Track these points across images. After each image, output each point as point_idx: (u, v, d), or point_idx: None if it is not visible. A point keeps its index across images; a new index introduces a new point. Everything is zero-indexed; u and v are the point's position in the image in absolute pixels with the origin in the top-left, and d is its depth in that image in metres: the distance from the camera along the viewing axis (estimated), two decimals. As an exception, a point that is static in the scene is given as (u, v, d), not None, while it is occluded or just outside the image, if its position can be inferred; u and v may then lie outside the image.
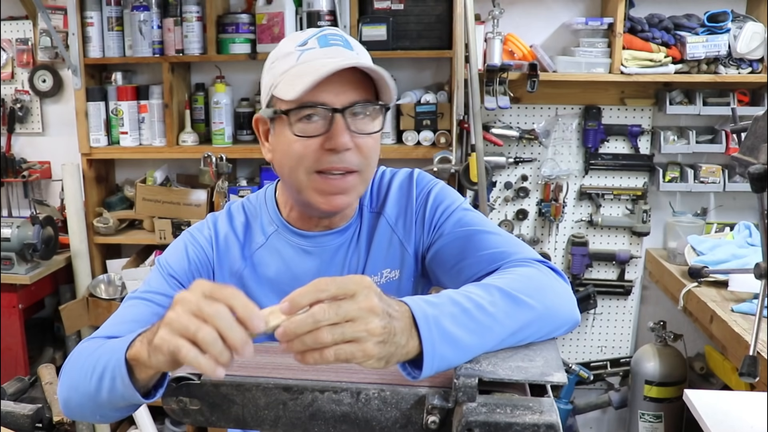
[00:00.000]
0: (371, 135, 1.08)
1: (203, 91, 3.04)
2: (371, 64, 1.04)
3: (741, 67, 2.72)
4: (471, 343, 0.86)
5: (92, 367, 0.93)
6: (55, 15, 3.03)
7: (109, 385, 0.90)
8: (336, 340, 0.75)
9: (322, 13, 2.75)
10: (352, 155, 1.06)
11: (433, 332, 0.82)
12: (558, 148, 3.02)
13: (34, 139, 3.25)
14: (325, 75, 1.00)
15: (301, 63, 1.05)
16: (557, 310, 0.98)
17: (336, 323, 0.75)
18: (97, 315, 2.89)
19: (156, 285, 1.13)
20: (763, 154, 1.48)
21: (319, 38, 1.07)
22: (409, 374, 0.84)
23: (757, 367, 1.59)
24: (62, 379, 1.01)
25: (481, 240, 1.11)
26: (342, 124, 1.04)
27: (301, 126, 1.05)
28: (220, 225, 1.21)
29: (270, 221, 1.20)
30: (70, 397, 0.99)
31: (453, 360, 0.84)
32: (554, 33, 2.96)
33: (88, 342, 1.03)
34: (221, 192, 2.83)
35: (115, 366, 0.89)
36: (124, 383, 0.87)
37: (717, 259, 2.49)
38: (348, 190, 1.09)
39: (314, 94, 1.03)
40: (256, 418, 0.90)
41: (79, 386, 0.96)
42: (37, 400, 1.67)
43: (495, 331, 0.88)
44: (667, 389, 2.67)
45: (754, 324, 1.68)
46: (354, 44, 1.10)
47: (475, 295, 0.90)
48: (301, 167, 1.07)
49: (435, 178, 1.25)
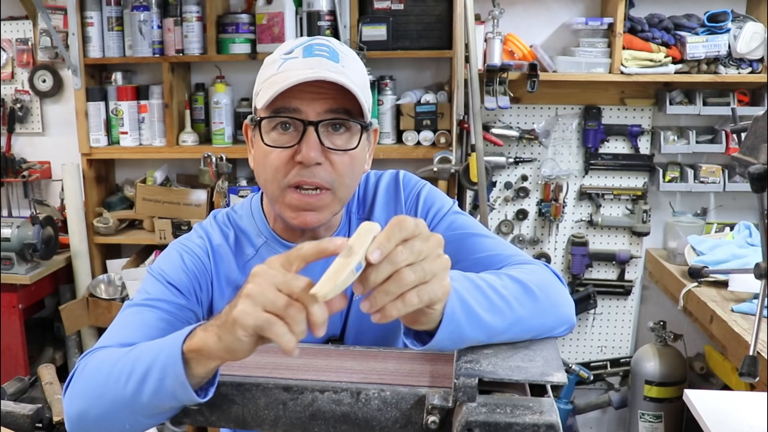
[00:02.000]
0: (347, 152, 1.04)
1: (203, 91, 3.04)
2: (341, 78, 0.99)
3: (741, 67, 2.72)
4: (484, 319, 0.86)
5: (128, 370, 0.87)
6: (55, 15, 3.03)
7: (154, 386, 0.84)
8: (419, 278, 0.73)
9: (322, 13, 2.75)
10: (323, 171, 1.03)
11: (453, 299, 0.82)
12: (558, 148, 3.02)
13: (34, 139, 3.25)
14: (288, 86, 0.97)
15: (280, 72, 1.02)
16: (560, 307, 0.99)
17: (413, 262, 0.73)
18: (97, 315, 2.89)
19: (156, 292, 1.07)
20: (763, 154, 1.47)
21: (305, 48, 1.04)
22: (414, 343, 0.84)
23: (757, 367, 1.59)
24: (76, 391, 0.93)
25: (475, 243, 1.11)
26: (313, 138, 1.01)
27: (274, 135, 1.03)
28: (213, 235, 1.17)
29: (258, 233, 1.17)
30: (90, 408, 0.91)
31: (465, 331, 0.85)
32: (554, 33, 2.96)
33: (104, 352, 0.96)
34: (221, 192, 2.83)
35: (165, 363, 0.83)
36: (178, 379, 0.81)
37: (717, 259, 2.49)
38: (320, 208, 1.05)
39: (286, 102, 1.00)
40: (256, 418, 0.90)
41: (106, 394, 0.89)
42: (37, 400, 1.67)
43: (504, 314, 0.89)
44: (667, 389, 2.67)
45: (754, 324, 1.68)
46: (343, 56, 1.05)
47: (488, 279, 0.92)
48: (275, 180, 1.04)
49: (421, 179, 1.23)
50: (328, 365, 0.95)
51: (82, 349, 3.06)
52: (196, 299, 1.12)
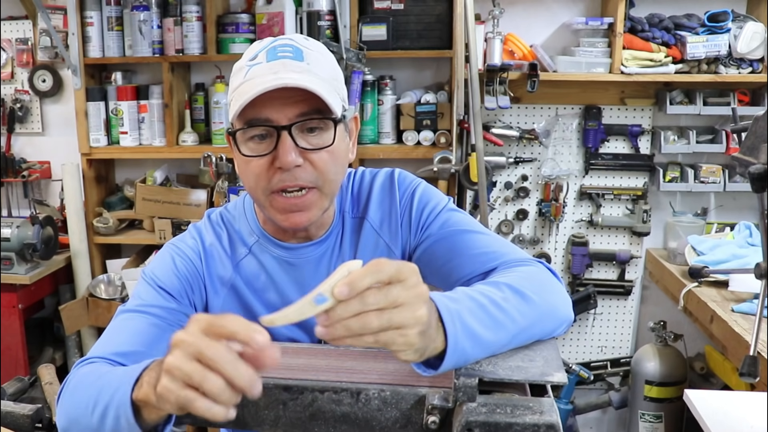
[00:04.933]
0: (324, 149, 1.03)
1: (203, 91, 3.04)
2: (304, 81, 0.97)
3: (741, 67, 2.72)
4: (487, 339, 0.86)
5: (94, 401, 0.88)
6: (55, 15, 3.03)
7: (113, 424, 0.85)
8: (383, 326, 0.71)
9: (322, 13, 2.75)
10: (304, 172, 1.03)
11: (457, 326, 0.82)
12: (558, 148, 3.02)
13: (34, 139, 3.25)
14: (252, 97, 0.97)
15: (246, 80, 1.01)
16: (558, 309, 0.99)
17: (383, 308, 0.71)
18: (97, 315, 2.89)
19: (148, 298, 1.09)
20: (763, 154, 1.47)
21: (268, 51, 1.03)
22: (423, 369, 0.83)
23: (758, 367, 1.59)
24: (61, 406, 0.96)
25: (469, 240, 1.11)
26: (288, 142, 1.00)
27: (251, 145, 1.03)
28: (205, 235, 1.18)
29: (250, 232, 1.17)
30: (70, 427, 0.94)
31: (470, 355, 0.84)
32: (554, 33, 2.96)
33: (88, 367, 0.98)
34: (221, 192, 2.83)
35: (119, 405, 0.84)
36: (129, 424, 0.83)
37: (717, 259, 2.49)
38: (307, 207, 1.05)
39: (257, 112, 1.00)
40: (256, 418, 0.90)
41: (80, 420, 0.91)
42: (37, 400, 1.67)
43: (508, 328, 0.89)
44: (668, 389, 2.67)
45: (754, 324, 1.68)
46: (308, 53, 1.03)
47: (489, 292, 0.91)
48: (258, 187, 1.05)
49: (417, 177, 1.22)
50: (328, 365, 0.95)
51: (82, 349, 3.06)
52: (189, 302, 1.13)
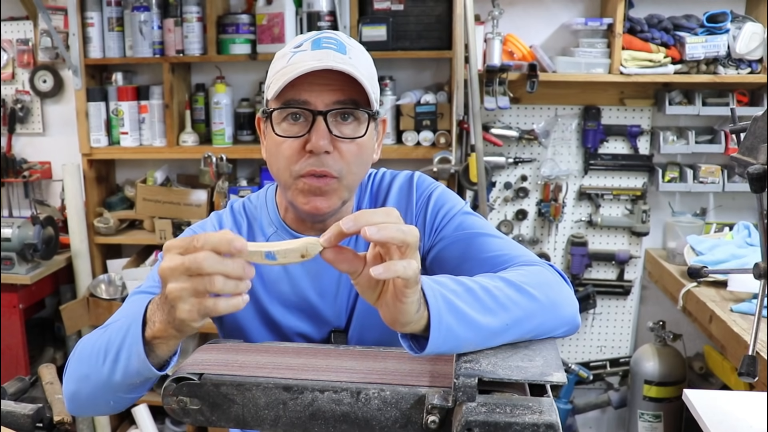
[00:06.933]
0: (354, 140, 1.07)
1: (203, 91, 3.04)
2: (348, 68, 1.02)
3: (740, 67, 2.72)
4: (475, 319, 0.87)
5: (105, 350, 0.93)
6: (56, 15, 3.03)
7: (124, 365, 0.90)
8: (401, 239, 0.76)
9: (322, 14, 2.75)
10: (332, 159, 1.06)
11: (439, 301, 0.84)
12: (557, 149, 3.03)
13: (34, 140, 3.26)
14: (295, 76, 1.01)
15: (289, 64, 1.05)
16: (561, 307, 0.99)
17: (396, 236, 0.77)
18: (97, 315, 2.89)
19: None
20: (762, 154, 1.48)
21: (313, 41, 1.08)
22: (413, 349, 0.85)
23: (756, 367, 1.58)
24: (68, 373, 1.00)
25: (483, 243, 1.12)
26: (322, 127, 1.04)
27: (285, 126, 1.07)
28: (225, 222, 1.22)
29: (269, 222, 1.21)
30: (80, 389, 0.98)
31: (460, 334, 0.85)
32: (554, 33, 2.96)
33: (91, 334, 1.02)
34: (221, 192, 2.84)
35: (131, 344, 0.88)
36: (141, 361, 0.87)
37: (716, 259, 2.49)
38: (328, 193, 1.08)
39: (296, 94, 1.04)
40: (256, 418, 0.90)
41: (90, 375, 0.95)
42: (37, 400, 1.67)
43: (498, 315, 0.89)
44: (667, 389, 2.67)
45: (753, 324, 1.68)
46: (351, 48, 1.09)
47: (480, 280, 0.93)
48: (287, 169, 1.08)
49: (435, 181, 1.25)
50: (328, 365, 0.95)
51: (83, 349, 3.06)
52: None
